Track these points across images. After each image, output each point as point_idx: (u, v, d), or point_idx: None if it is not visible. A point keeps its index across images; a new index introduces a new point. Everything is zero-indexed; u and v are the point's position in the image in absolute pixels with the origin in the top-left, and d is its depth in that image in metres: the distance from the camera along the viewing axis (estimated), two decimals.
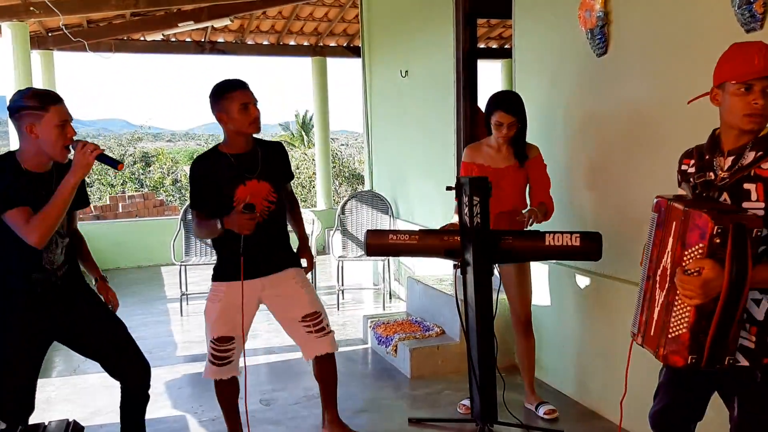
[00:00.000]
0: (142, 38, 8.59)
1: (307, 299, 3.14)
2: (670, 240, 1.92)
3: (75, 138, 2.54)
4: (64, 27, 7.14)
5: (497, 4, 4.84)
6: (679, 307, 1.88)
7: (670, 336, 1.91)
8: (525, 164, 3.49)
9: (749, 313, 1.94)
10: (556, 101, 3.95)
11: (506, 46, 9.36)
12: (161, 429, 3.64)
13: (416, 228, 3.84)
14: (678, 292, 1.86)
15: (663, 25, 3.13)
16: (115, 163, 2.58)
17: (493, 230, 3.20)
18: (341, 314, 5.98)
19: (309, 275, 3.32)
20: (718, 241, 1.78)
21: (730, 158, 1.98)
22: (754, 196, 1.90)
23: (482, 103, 5.44)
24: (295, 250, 3.27)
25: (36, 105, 2.47)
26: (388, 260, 6.29)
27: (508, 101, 3.44)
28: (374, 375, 4.46)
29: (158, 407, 3.92)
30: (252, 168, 3.03)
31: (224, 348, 3.07)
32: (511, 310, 3.69)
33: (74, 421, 2.88)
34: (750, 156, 1.93)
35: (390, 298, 6.32)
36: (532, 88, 4.09)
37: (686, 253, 1.86)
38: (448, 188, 3.28)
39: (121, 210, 10.26)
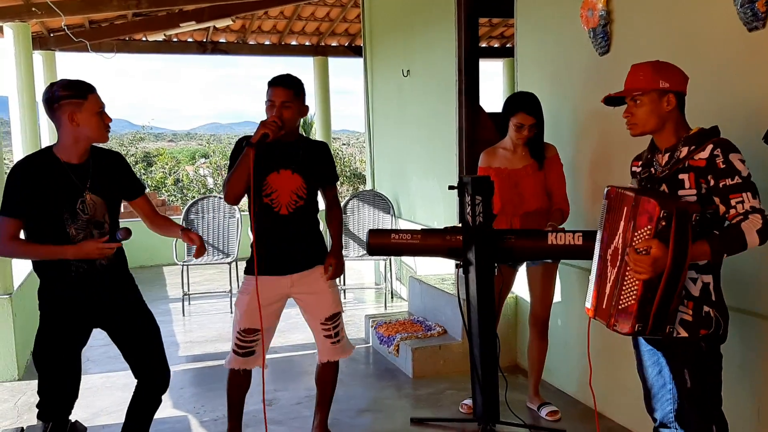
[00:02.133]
0: (143, 38, 8.60)
1: (331, 299, 3.18)
2: (621, 223, 2.19)
3: (121, 230, 2.64)
4: (65, 27, 7.14)
5: (499, 3, 4.84)
6: (629, 281, 2.14)
7: (620, 307, 2.16)
8: (544, 164, 3.51)
9: (687, 290, 2.21)
10: (559, 100, 3.94)
11: (508, 45, 9.36)
12: (163, 429, 3.64)
13: (418, 227, 3.84)
14: (629, 268, 2.12)
15: (665, 24, 3.13)
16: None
17: (495, 229, 3.20)
18: (343, 314, 5.97)
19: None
20: (664, 224, 2.04)
21: (667, 155, 2.29)
22: (687, 185, 2.20)
23: (484, 103, 5.47)
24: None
25: (75, 93, 2.51)
26: (390, 260, 6.29)
27: (530, 103, 3.44)
28: (376, 375, 4.45)
29: (160, 407, 3.92)
30: (290, 160, 3.04)
31: (249, 339, 3.12)
32: (530, 310, 3.69)
33: (77, 422, 2.89)
34: (684, 150, 2.23)
35: (392, 297, 6.31)
36: (535, 87, 4.07)
37: (636, 234, 2.11)
38: (451, 187, 3.28)
39: (123, 210, 10.24)
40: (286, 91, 2.99)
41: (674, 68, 2.32)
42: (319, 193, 3.20)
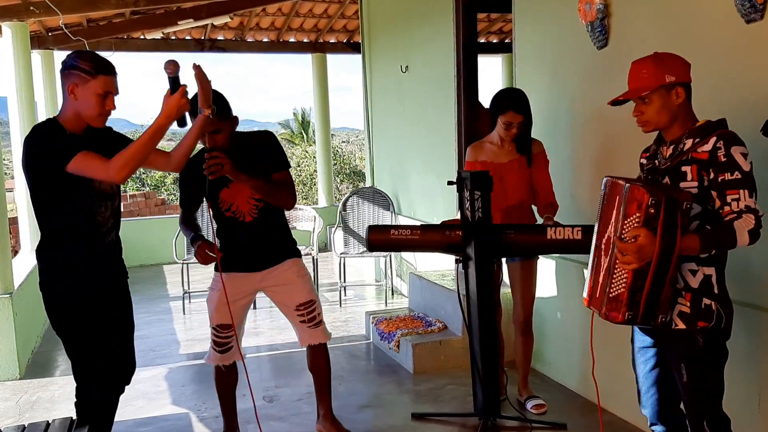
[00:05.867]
0: (142, 37, 8.59)
1: (302, 288, 3.18)
2: (614, 212, 2.17)
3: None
4: (64, 26, 7.13)
5: None
6: (619, 269, 2.13)
7: (610, 295, 2.16)
8: (532, 160, 3.51)
9: (686, 282, 2.19)
10: (557, 95, 3.94)
11: (506, 41, 9.34)
12: (165, 426, 3.65)
13: (418, 224, 3.84)
14: (618, 258, 2.11)
15: (663, 16, 3.13)
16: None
17: (494, 224, 3.20)
18: (343, 311, 5.98)
19: (311, 271, 3.30)
20: (652, 211, 2.03)
21: (671, 147, 2.27)
22: (689, 177, 2.18)
23: (483, 98, 5.46)
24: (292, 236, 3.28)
25: (86, 69, 2.40)
26: (390, 256, 6.29)
27: (519, 100, 3.44)
28: (377, 371, 4.46)
29: (161, 405, 3.94)
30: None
31: (224, 335, 3.16)
32: (513, 307, 3.69)
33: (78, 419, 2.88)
34: (688, 143, 2.21)
35: (392, 294, 6.32)
36: (533, 82, 4.08)
37: (626, 222, 2.10)
38: (450, 183, 3.28)
39: (122, 209, 10.27)
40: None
41: (675, 58, 2.27)
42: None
